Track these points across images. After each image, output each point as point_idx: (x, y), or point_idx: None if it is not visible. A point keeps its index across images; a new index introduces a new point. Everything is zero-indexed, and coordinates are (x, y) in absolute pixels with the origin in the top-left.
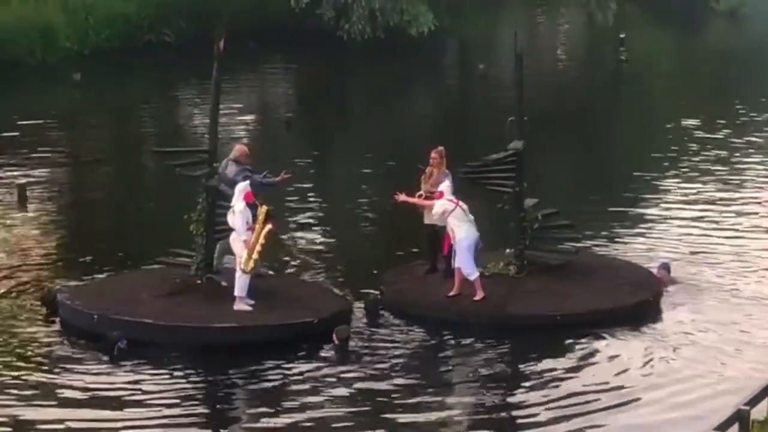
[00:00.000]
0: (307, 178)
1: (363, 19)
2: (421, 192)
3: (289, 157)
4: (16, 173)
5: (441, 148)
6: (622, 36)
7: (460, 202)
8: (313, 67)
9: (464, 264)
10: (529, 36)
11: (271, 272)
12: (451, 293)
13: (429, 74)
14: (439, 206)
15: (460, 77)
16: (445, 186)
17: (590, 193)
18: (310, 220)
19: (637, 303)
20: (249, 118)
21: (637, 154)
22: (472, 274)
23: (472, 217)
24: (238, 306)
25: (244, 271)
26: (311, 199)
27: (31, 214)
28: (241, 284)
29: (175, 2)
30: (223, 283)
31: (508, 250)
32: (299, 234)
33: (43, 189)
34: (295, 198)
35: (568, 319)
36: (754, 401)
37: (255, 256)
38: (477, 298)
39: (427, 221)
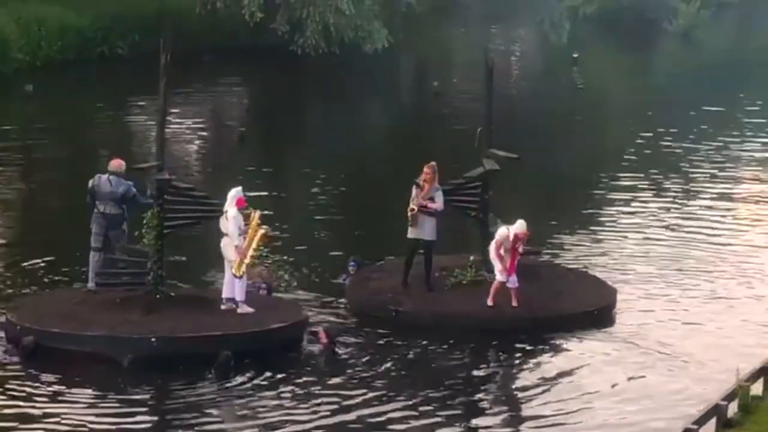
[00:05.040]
0: (260, 192)
1: (317, 34)
2: (413, 207)
3: (242, 170)
4: None
5: (433, 163)
6: (575, 55)
7: None
8: (267, 82)
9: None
10: (483, 54)
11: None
12: (514, 304)
13: (383, 90)
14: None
15: (414, 94)
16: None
17: (544, 205)
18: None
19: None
20: (203, 131)
21: (591, 170)
22: (515, 282)
23: None
24: (242, 309)
25: (235, 276)
26: (263, 212)
27: None
28: (240, 288)
29: (129, 15)
30: (172, 294)
31: (472, 257)
32: None
33: None
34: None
35: (602, 311)
36: (701, 421)
37: (247, 260)
38: (515, 304)
39: (410, 235)
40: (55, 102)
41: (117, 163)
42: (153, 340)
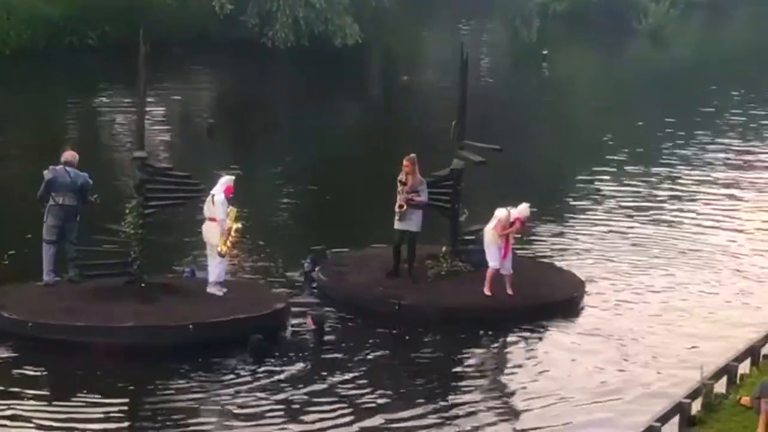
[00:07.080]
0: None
1: (287, 27)
2: (401, 203)
3: (211, 163)
4: None
5: (413, 155)
6: (544, 52)
7: None
8: (236, 74)
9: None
10: (453, 50)
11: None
12: (510, 292)
13: (352, 83)
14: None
15: (383, 87)
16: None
17: (511, 196)
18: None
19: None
20: (171, 123)
21: (558, 162)
22: (510, 269)
23: None
24: (212, 289)
25: (220, 254)
26: (231, 204)
27: None
28: (218, 271)
29: (99, 6)
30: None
31: (444, 248)
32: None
33: None
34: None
35: (580, 297)
36: (664, 418)
37: (228, 243)
38: (510, 292)
39: (397, 227)
40: (23, 91)
41: (71, 155)
42: (190, 327)
